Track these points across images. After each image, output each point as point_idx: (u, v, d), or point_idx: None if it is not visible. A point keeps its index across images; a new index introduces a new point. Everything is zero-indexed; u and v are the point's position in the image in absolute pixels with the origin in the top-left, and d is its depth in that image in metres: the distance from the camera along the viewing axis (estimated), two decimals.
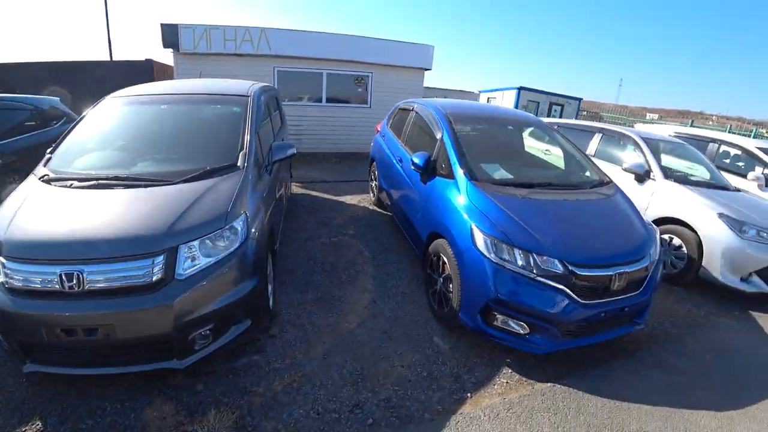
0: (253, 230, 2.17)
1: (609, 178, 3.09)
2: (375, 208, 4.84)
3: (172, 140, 2.62)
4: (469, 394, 2.06)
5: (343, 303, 2.80)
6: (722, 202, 3.56)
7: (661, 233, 3.60)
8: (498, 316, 2.14)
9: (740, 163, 5.44)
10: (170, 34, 6.50)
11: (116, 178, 2.18)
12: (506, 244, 2.12)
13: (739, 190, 4.16)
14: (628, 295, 2.23)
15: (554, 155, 3.64)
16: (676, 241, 3.65)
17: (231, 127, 2.64)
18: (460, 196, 2.52)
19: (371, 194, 5.04)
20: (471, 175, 2.61)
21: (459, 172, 2.65)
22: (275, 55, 7.25)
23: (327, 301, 2.81)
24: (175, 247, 1.82)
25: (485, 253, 2.14)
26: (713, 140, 5.68)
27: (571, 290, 2.07)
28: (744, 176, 5.00)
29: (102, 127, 2.70)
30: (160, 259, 1.78)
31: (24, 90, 5.21)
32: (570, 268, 2.07)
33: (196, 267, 1.87)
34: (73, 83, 8.28)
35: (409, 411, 1.92)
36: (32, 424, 1.74)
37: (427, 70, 8.48)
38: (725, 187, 4.08)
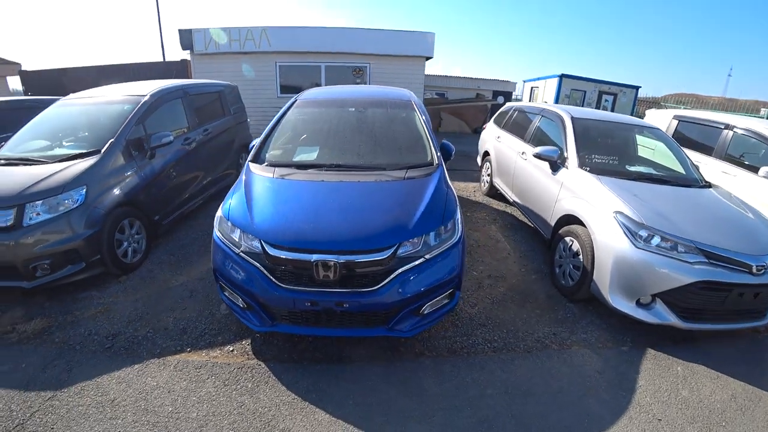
0: (97, 198, 3.16)
1: (438, 161, 2.99)
2: None
3: (74, 134, 3.77)
4: (189, 349, 2.56)
5: (190, 267, 3.56)
6: (636, 198, 2.94)
7: (563, 235, 3.39)
8: (222, 285, 2.48)
9: None
10: (186, 38, 8.20)
11: None
12: (227, 221, 2.46)
13: (709, 186, 3.36)
14: (348, 290, 2.19)
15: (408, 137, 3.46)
16: (576, 245, 3.17)
17: (114, 122, 3.67)
18: None
19: None
20: (255, 157, 3.00)
21: (251, 154, 3.06)
22: (276, 51, 8.41)
23: (180, 265, 3.62)
24: (23, 204, 2.90)
25: (215, 227, 2.53)
26: (726, 126, 4.49)
27: (268, 271, 2.22)
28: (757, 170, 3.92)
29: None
30: (10, 211, 2.87)
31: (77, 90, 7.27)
32: (265, 247, 2.23)
33: (38, 219, 2.92)
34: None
35: (138, 348, 2.56)
36: None
37: (428, 58, 8.63)
38: (683, 183, 3.34)
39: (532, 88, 14.18)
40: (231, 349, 2.62)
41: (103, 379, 2.33)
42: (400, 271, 2.25)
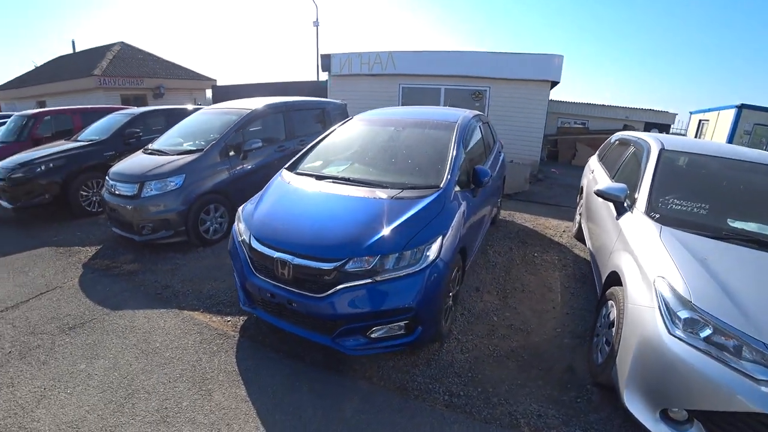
0: (191, 184, 4.29)
1: (444, 184, 2.89)
2: None
3: (199, 134, 5.08)
4: (202, 310, 3.23)
5: None
6: (700, 264, 2.16)
7: (608, 298, 2.88)
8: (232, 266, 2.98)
9: None
10: (325, 62, 9.82)
11: None
12: (241, 213, 3.00)
13: None
14: (299, 291, 2.41)
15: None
16: (614, 313, 2.52)
17: (222, 128, 4.81)
18: None
19: None
20: (291, 165, 3.47)
21: (289, 162, 3.56)
22: (400, 74, 9.18)
23: None
24: (143, 182, 4.21)
25: (236, 218, 3.06)
26: None
27: (250, 260, 2.66)
28: None
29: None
30: (136, 185, 4.21)
31: None
32: (251, 239, 2.67)
33: (151, 193, 4.19)
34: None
35: (173, 299, 3.37)
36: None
37: (555, 83, 7.85)
38: None
39: (700, 120, 11.20)
40: (229, 319, 3.15)
41: (137, 312, 3.20)
42: (343, 286, 2.33)
